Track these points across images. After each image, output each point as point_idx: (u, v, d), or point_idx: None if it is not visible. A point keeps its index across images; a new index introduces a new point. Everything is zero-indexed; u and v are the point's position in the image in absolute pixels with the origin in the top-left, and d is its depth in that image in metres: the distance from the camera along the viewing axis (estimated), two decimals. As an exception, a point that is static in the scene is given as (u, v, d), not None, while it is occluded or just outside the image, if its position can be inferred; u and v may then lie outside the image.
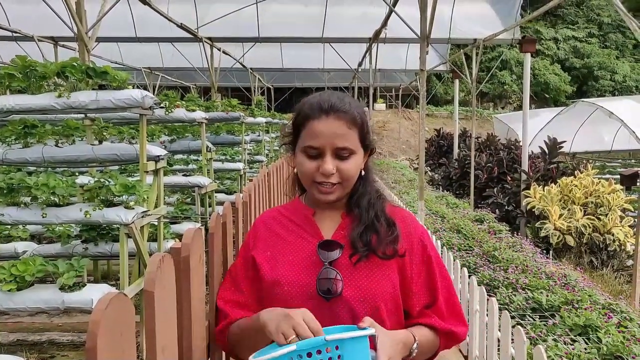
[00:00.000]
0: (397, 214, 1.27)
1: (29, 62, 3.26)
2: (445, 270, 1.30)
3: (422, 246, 1.25)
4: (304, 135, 1.19)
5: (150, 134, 5.48)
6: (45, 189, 3.04)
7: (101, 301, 0.67)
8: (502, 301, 3.72)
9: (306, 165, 1.19)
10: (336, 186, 1.19)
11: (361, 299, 1.15)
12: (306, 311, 1.03)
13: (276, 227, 1.29)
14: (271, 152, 10.25)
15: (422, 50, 4.93)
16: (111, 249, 3.89)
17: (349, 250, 1.19)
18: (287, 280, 1.18)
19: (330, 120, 1.16)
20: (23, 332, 4.07)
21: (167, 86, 21.04)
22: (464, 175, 10.78)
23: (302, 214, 1.28)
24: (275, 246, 1.25)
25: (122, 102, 3.18)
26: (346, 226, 1.23)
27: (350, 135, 1.18)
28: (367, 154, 1.27)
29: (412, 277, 1.22)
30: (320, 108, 1.18)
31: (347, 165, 1.18)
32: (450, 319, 1.25)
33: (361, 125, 1.20)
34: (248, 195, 1.98)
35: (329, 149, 1.16)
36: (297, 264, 1.20)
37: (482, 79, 18.69)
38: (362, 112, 1.22)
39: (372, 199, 1.24)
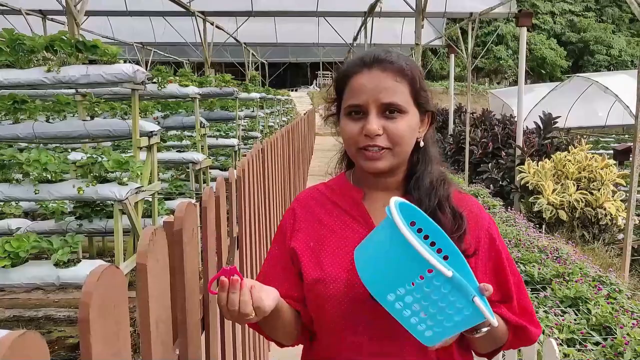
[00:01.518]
0: (464, 203, 1.07)
1: (17, 36, 3.19)
2: (515, 265, 1.11)
3: (490, 239, 1.06)
4: (346, 95, 1.03)
5: (143, 110, 5.42)
6: (37, 165, 3.01)
7: (93, 273, 0.67)
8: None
9: (348, 128, 1.01)
10: (385, 151, 0.99)
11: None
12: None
13: (318, 211, 1.10)
14: (265, 127, 10.19)
15: (417, 24, 4.86)
16: (106, 226, 3.89)
17: None
18: (333, 279, 1.02)
19: (373, 73, 1.00)
20: (19, 309, 4.10)
21: (159, 61, 20.74)
22: (459, 150, 10.78)
23: (348, 197, 1.09)
24: (319, 236, 1.07)
25: (113, 77, 3.14)
26: None
27: (399, 88, 1.00)
28: (426, 120, 1.08)
29: (476, 275, 1.00)
30: (362, 62, 1.02)
31: (396, 126, 0.99)
32: (522, 318, 1.07)
33: (412, 78, 1.01)
34: (242, 171, 1.97)
35: (374, 106, 0.99)
36: (345, 260, 1.02)
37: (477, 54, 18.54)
38: (413, 65, 1.04)
39: (435, 182, 1.04)
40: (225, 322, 1.56)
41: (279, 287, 1.03)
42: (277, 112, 13.83)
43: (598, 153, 8.30)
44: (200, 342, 1.21)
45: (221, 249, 1.51)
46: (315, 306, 1.05)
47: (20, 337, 0.49)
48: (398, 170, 1.07)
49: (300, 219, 1.11)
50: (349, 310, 1.01)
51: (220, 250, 1.50)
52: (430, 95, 1.07)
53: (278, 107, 14.08)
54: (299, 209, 1.13)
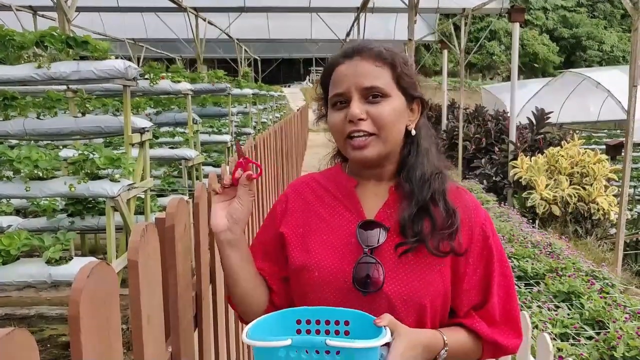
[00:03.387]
0: (459, 198, 1.05)
1: (6, 32, 3.16)
2: (508, 267, 1.06)
3: (483, 236, 1.02)
4: (330, 86, 1.03)
5: (135, 107, 5.38)
6: (28, 162, 2.98)
7: (83, 270, 0.66)
8: (488, 270, 3.79)
9: (333, 119, 1.01)
10: (372, 138, 0.98)
11: (405, 297, 0.96)
12: None
13: (310, 197, 1.10)
14: (258, 124, 10.16)
15: (410, 19, 4.86)
16: (98, 223, 3.87)
17: (394, 236, 0.99)
18: (319, 266, 1.01)
19: (354, 62, 1.00)
20: (11, 307, 4.07)
21: (151, 58, 20.60)
22: (452, 146, 10.81)
23: (342, 185, 1.08)
24: (309, 223, 1.06)
25: (104, 73, 3.11)
26: (394, 204, 1.03)
27: (379, 72, 0.99)
28: (415, 111, 1.06)
29: (466, 272, 1.00)
30: (343, 54, 1.03)
31: (379, 109, 0.97)
32: (501, 326, 1.03)
33: (392, 62, 1.00)
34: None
35: (355, 91, 0.98)
36: (332, 247, 1.02)
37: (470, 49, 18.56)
38: (393, 52, 1.02)
39: (428, 173, 1.02)
40: (218, 319, 1.55)
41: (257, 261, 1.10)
42: (270, 108, 13.80)
43: (590, 148, 8.34)
44: (193, 340, 1.21)
45: (214, 245, 1.50)
46: (300, 294, 1.04)
47: (9, 335, 0.49)
48: (388, 160, 1.05)
49: (291, 204, 1.11)
50: (333, 298, 0.99)
51: (212, 247, 1.49)
52: (416, 82, 1.06)
53: (271, 103, 14.05)
54: (292, 195, 1.12)
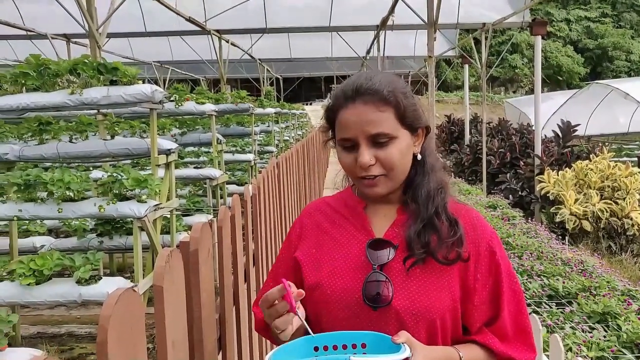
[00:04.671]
0: (461, 212, 1.09)
1: (43, 61, 3.30)
2: (517, 282, 1.09)
3: (490, 252, 1.06)
4: (337, 128, 1.08)
5: (161, 127, 5.52)
6: (61, 185, 3.09)
7: (111, 296, 0.69)
8: (516, 288, 3.70)
9: (344, 160, 1.06)
10: (380, 178, 1.04)
11: (414, 312, 0.99)
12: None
13: (322, 220, 1.15)
14: (281, 142, 10.26)
15: (429, 37, 4.88)
16: (125, 242, 3.96)
17: (402, 253, 1.03)
18: (330, 284, 1.04)
19: (357, 107, 1.03)
20: (43, 325, 4.17)
21: (177, 79, 21.11)
22: (476, 161, 10.69)
23: (351, 207, 1.13)
24: (321, 244, 1.11)
25: (132, 97, 3.21)
26: (401, 223, 1.07)
27: (384, 117, 1.02)
28: (420, 136, 1.10)
29: (475, 288, 1.03)
30: (344, 95, 1.05)
31: (386, 153, 1.02)
32: (514, 341, 1.06)
33: (395, 103, 1.03)
34: (257, 188, 2.00)
35: (363, 138, 1.02)
36: (343, 265, 1.06)
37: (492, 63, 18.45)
38: (395, 89, 1.05)
39: (432, 191, 1.07)
40: (242, 341, 1.58)
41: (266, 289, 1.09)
42: (292, 126, 13.93)
43: (621, 161, 8.15)
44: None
45: (237, 267, 1.53)
46: (314, 312, 1.07)
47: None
48: (397, 188, 1.10)
49: (305, 229, 1.16)
50: (345, 316, 1.02)
51: (236, 269, 1.52)
52: (419, 110, 1.08)
53: (293, 121, 14.19)
54: (305, 220, 1.18)
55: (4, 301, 2.77)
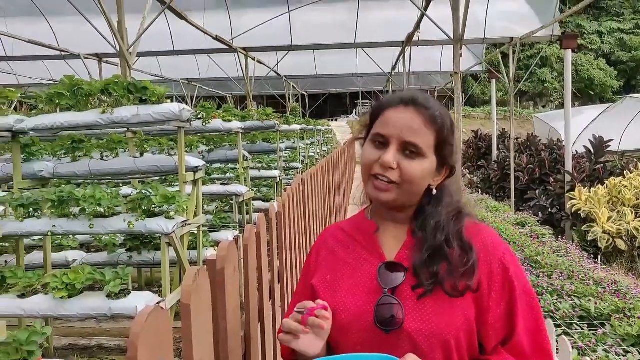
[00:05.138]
0: (476, 233, 1.07)
1: (76, 81, 3.44)
2: (534, 298, 1.07)
3: (502, 269, 1.04)
4: (376, 124, 1.08)
5: (188, 144, 5.64)
6: (92, 201, 3.18)
7: (140, 314, 0.72)
8: (546, 309, 3.62)
9: (367, 152, 1.07)
10: (393, 185, 1.04)
11: (427, 334, 0.99)
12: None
13: (336, 246, 1.16)
14: (306, 158, 10.32)
15: (455, 53, 4.88)
16: (154, 257, 4.03)
17: (413, 276, 1.03)
18: (344, 309, 1.05)
19: (407, 111, 1.05)
20: (74, 337, 4.26)
21: (204, 96, 21.56)
22: (504, 177, 10.53)
23: (363, 230, 1.14)
24: (335, 269, 1.12)
25: (161, 116, 3.31)
26: (412, 245, 1.07)
27: (424, 133, 1.04)
28: (443, 173, 1.10)
29: (490, 306, 1.02)
30: (400, 99, 1.07)
31: (410, 165, 1.03)
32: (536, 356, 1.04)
33: (440, 128, 1.05)
34: (282, 206, 2.02)
35: (396, 141, 1.03)
36: (356, 289, 1.07)
37: (520, 77, 18.23)
38: (446, 116, 1.07)
39: (442, 222, 1.06)
40: (267, 357, 1.59)
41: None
42: (318, 142, 14.00)
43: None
44: (242, 378, 1.24)
45: (262, 284, 1.55)
46: (333, 338, 1.08)
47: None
48: (408, 207, 1.10)
49: (321, 256, 1.18)
50: (360, 340, 1.03)
51: (261, 286, 1.54)
52: (455, 151, 1.10)
53: (318, 137, 14.27)
54: (321, 247, 1.20)
55: (38, 314, 2.86)
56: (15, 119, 3.37)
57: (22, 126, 3.37)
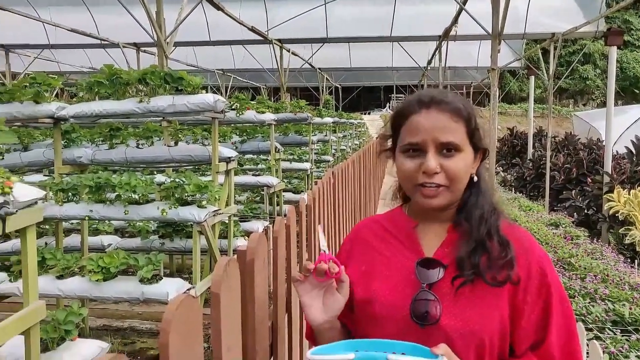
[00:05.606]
0: (513, 234, 1.08)
1: (115, 71, 3.52)
2: (569, 307, 1.06)
3: (540, 273, 1.04)
4: (402, 133, 1.07)
5: (221, 135, 5.71)
6: (128, 188, 3.27)
7: (172, 302, 0.74)
8: (577, 312, 3.54)
9: (406, 166, 1.05)
10: (442, 189, 1.03)
11: (462, 331, 0.99)
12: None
13: (372, 238, 1.17)
14: (338, 151, 10.32)
15: (493, 49, 4.77)
16: (185, 245, 4.12)
17: (452, 272, 1.03)
18: (379, 300, 1.06)
19: (431, 113, 1.04)
20: (108, 318, 4.41)
21: (238, 87, 21.78)
22: (539, 176, 10.27)
23: (402, 226, 1.14)
24: (371, 261, 1.13)
25: (196, 106, 3.35)
26: (451, 243, 1.08)
27: (456, 128, 1.04)
28: (478, 156, 1.11)
29: (524, 310, 1.02)
30: (419, 102, 1.06)
31: (453, 163, 1.03)
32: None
33: (468, 118, 1.05)
34: (312, 199, 2.04)
35: (432, 145, 1.03)
36: (392, 282, 1.07)
37: (561, 74, 17.65)
38: (467, 105, 1.08)
39: (486, 213, 1.07)
40: (293, 347, 1.61)
41: None
42: (350, 135, 13.96)
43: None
44: (268, 367, 1.26)
45: (290, 275, 1.57)
46: (363, 327, 1.10)
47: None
48: (452, 205, 1.10)
49: (355, 247, 1.18)
50: (393, 332, 1.03)
51: (289, 277, 1.55)
52: (483, 133, 1.10)
53: (351, 130, 14.22)
54: (355, 238, 1.20)
55: (75, 295, 2.97)
56: (57, 106, 3.48)
57: (64, 113, 3.48)
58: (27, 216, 1.57)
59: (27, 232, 1.62)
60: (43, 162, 4.02)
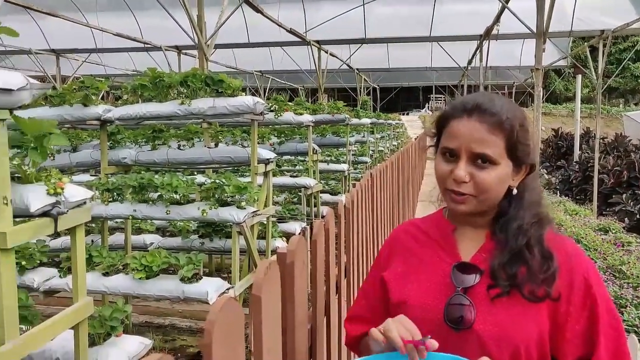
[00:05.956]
0: (557, 244, 1.05)
1: (158, 74, 3.61)
2: (618, 320, 1.04)
3: (585, 285, 1.01)
4: (443, 135, 1.08)
5: (260, 136, 5.77)
6: (169, 188, 3.35)
7: (215, 304, 0.74)
8: (629, 322, 3.39)
9: (439, 167, 1.07)
10: (469, 197, 1.03)
11: (497, 338, 0.98)
12: (402, 316, 0.97)
13: (410, 241, 1.18)
14: (375, 152, 10.25)
15: (537, 47, 4.62)
16: (224, 245, 4.19)
17: (488, 279, 1.02)
18: (413, 302, 1.07)
19: (471, 121, 1.03)
20: (150, 315, 4.53)
21: (276, 88, 22.00)
22: (586, 179, 9.89)
23: (440, 229, 1.15)
24: (408, 263, 1.14)
25: (236, 109, 3.40)
26: (490, 249, 1.06)
27: (493, 141, 1.01)
28: (522, 172, 1.08)
29: (567, 322, 0.99)
30: (463, 107, 1.05)
31: (483, 176, 1.02)
32: None
33: (510, 131, 1.02)
34: (351, 201, 2.02)
35: (465, 153, 1.02)
36: (427, 285, 1.08)
37: (610, 72, 16.94)
38: (514, 117, 1.04)
39: (525, 225, 1.04)
40: (331, 350, 1.60)
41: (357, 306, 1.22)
42: (388, 136, 13.85)
43: None
44: (307, 371, 1.26)
45: (329, 278, 1.56)
46: None
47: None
48: (488, 212, 1.09)
49: (393, 250, 1.20)
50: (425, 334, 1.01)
51: (328, 280, 1.55)
52: (530, 147, 1.07)
53: (389, 131, 14.11)
54: (394, 241, 1.22)
55: (119, 292, 3.06)
56: (104, 109, 3.61)
57: (110, 115, 3.60)
58: (76, 216, 1.63)
59: (77, 231, 1.68)
60: (90, 163, 4.17)
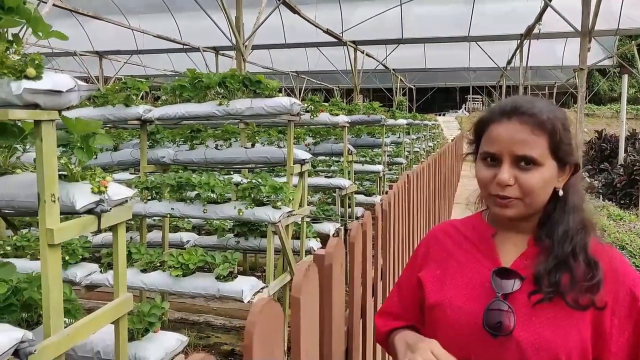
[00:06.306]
0: (602, 253, 1.02)
1: (197, 74, 3.68)
2: None
3: (632, 297, 0.98)
4: (483, 140, 1.07)
5: (295, 136, 5.79)
6: (207, 187, 3.40)
7: (256, 305, 0.75)
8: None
9: (481, 173, 1.05)
10: (515, 200, 1.01)
11: (537, 346, 0.96)
12: (434, 343, 0.96)
13: (449, 243, 1.16)
14: (411, 154, 10.14)
15: (582, 47, 4.46)
16: (259, 244, 4.22)
17: (529, 286, 1.00)
18: (451, 305, 1.05)
19: (511, 124, 1.01)
20: (185, 312, 4.63)
21: (312, 88, 22.07)
22: (631, 183, 9.49)
23: (480, 233, 1.13)
24: (446, 266, 1.13)
25: (273, 109, 3.43)
26: (532, 256, 1.04)
27: (535, 142, 0.99)
28: (567, 172, 1.05)
29: (612, 334, 0.97)
30: (501, 111, 1.04)
31: (528, 178, 0.99)
32: None
33: (552, 131, 1.00)
34: (387, 203, 2.00)
35: (507, 156, 1.00)
36: (466, 289, 1.06)
37: (658, 72, 16.19)
38: (555, 117, 1.02)
39: (571, 230, 1.02)
40: (367, 353, 1.59)
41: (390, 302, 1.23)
42: (424, 137, 13.67)
43: None
44: (344, 373, 1.25)
45: (366, 281, 1.54)
46: (432, 332, 1.09)
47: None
48: (532, 216, 1.06)
49: (431, 250, 1.18)
50: (463, 339, 1.02)
51: (365, 283, 1.53)
52: (573, 146, 1.05)
53: (425, 132, 13.93)
54: (432, 241, 1.20)
55: (157, 288, 3.13)
56: (144, 109, 3.70)
57: (150, 115, 3.68)
58: (118, 214, 1.67)
59: (119, 228, 1.72)
60: (130, 162, 4.29)
